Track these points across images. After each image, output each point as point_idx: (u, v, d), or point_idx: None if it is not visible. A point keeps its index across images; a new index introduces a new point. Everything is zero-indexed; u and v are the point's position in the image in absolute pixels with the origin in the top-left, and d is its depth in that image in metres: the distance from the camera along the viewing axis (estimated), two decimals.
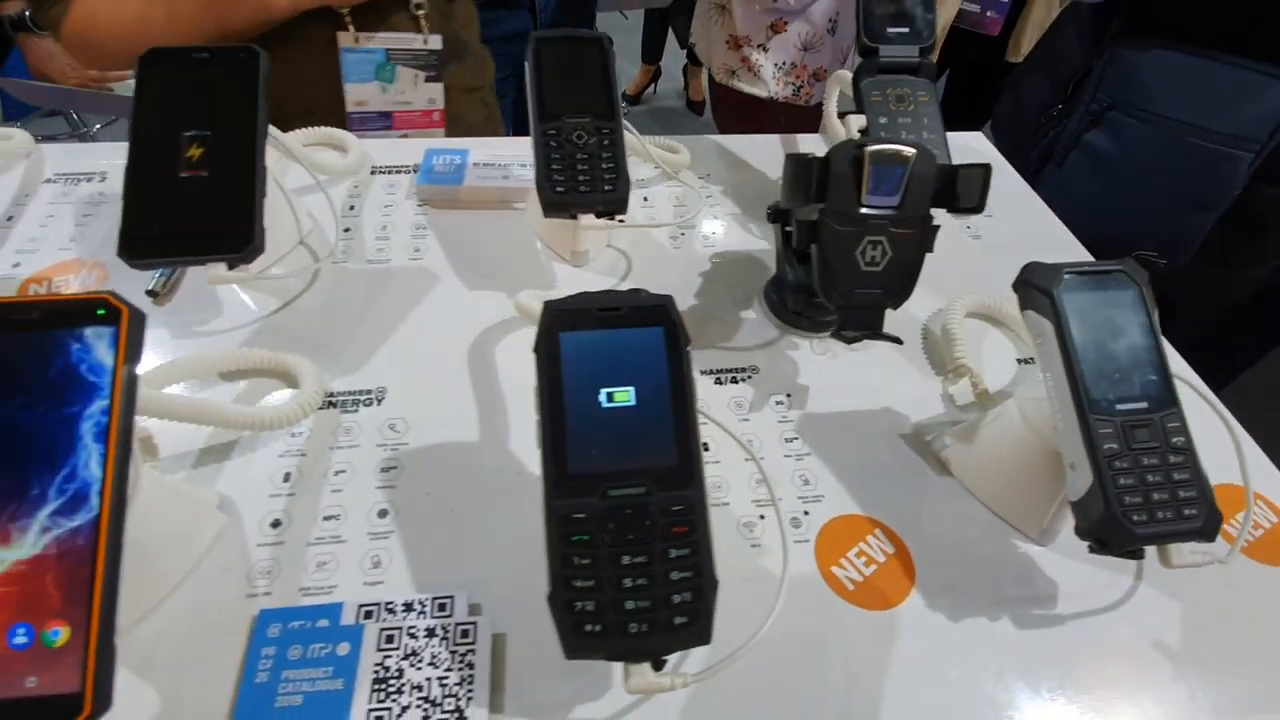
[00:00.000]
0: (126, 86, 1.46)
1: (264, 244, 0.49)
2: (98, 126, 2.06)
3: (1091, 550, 0.39)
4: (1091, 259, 0.69)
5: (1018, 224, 0.71)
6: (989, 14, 1.47)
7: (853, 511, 0.47)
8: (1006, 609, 0.43)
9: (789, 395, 0.53)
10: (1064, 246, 0.70)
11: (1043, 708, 0.39)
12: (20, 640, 0.30)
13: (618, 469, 0.35)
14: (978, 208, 0.46)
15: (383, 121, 0.80)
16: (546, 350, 0.36)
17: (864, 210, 0.46)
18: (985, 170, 0.45)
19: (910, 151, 0.45)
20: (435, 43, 0.78)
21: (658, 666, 0.34)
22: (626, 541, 0.34)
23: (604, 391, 0.36)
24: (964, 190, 0.47)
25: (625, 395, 0.36)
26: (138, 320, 0.35)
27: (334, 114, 0.76)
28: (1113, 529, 0.37)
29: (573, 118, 0.54)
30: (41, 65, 1.41)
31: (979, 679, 0.40)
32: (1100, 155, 0.93)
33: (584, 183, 0.53)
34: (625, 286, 0.60)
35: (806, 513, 0.47)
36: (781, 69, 1.41)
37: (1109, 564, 0.45)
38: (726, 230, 0.67)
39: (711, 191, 0.70)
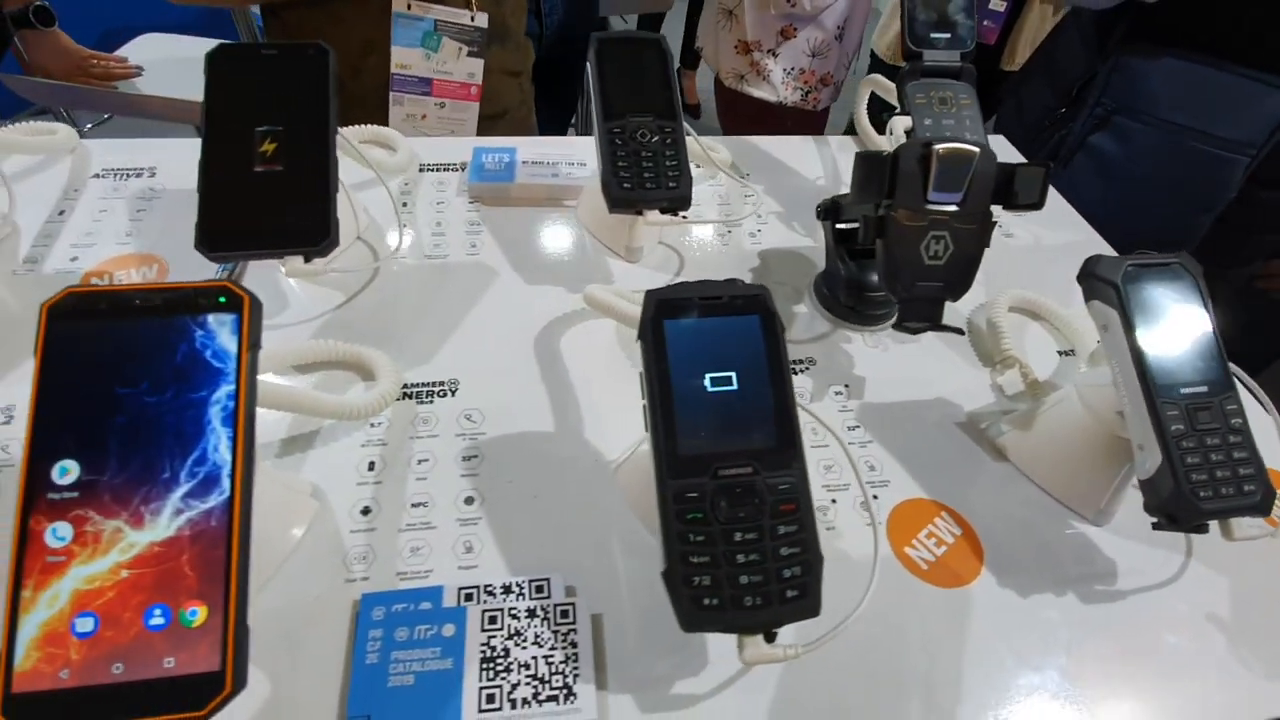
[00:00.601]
0: (129, 84, 1.44)
1: (339, 238, 0.50)
2: (89, 126, 2.02)
3: (1156, 527, 0.42)
4: (1114, 253, 0.72)
5: (1040, 220, 0.74)
6: (985, 23, 1.51)
7: (918, 496, 0.49)
8: (1070, 586, 0.45)
9: (847, 386, 0.55)
10: (1089, 244, 0.73)
11: (1110, 676, 0.41)
12: (157, 621, 0.31)
13: (725, 450, 0.36)
14: (1037, 204, 0.49)
15: (422, 87, 0.84)
16: (653, 337, 0.37)
17: (929, 206, 0.48)
18: (1045, 169, 0.48)
19: (975, 150, 0.47)
20: (481, 20, 0.81)
21: (770, 639, 0.35)
22: (738, 519, 0.35)
23: (708, 376, 0.37)
24: (1023, 188, 0.49)
25: (728, 379, 0.37)
26: (257, 308, 0.35)
27: (379, 74, 0.80)
28: (1182, 505, 0.40)
29: (636, 117, 0.56)
30: (43, 62, 1.39)
31: (1051, 650, 0.42)
32: (1105, 157, 0.97)
33: (649, 180, 0.54)
34: (678, 281, 0.62)
35: (875, 497, 0.49)
36: (790, 74, 1.44)
37: (1161, 543, 0.48)
38: (770, 228, 0.69)
39: (752, 190, 0.72)
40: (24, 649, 0.30)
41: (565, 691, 0.38)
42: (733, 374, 0.37)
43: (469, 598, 0.41)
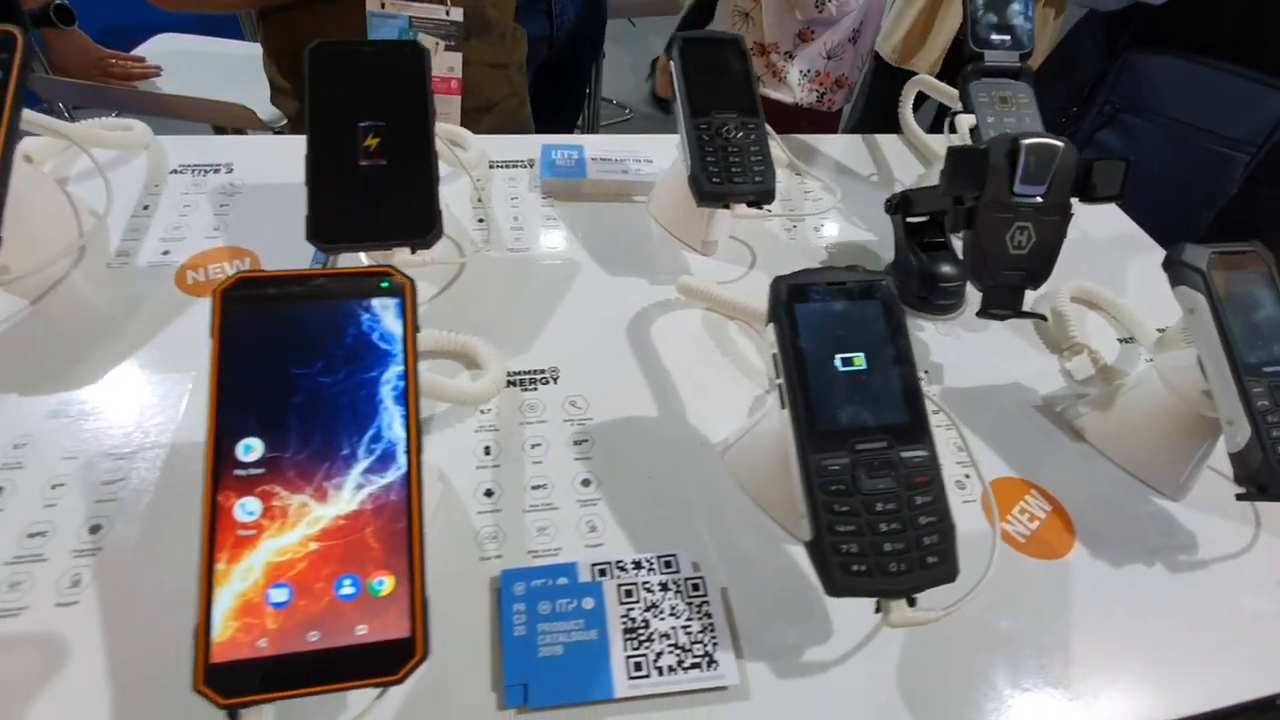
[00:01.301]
0: (150, 83, 1.44)
1: (443, 229, 0.51)
2: None
3: (1242, 498, 0.44)
4: (1155, 243, 0.75)
5: (1084, 213, 0.77)
6: None
7: (1007, 474, 0.51)
8: (1157, 556, 0.48)
9: (926, 372, 0.58)
10: (1133, 237, 0.76)
11: (1200, 635, 0.44)
12: (347, 590, 0.32)
13: (860, 425, 0.38)
14: (1117, 196, 0.51)
15: None
16: (786, 320, 0.39)
17: (1014, 199, 0.51)
18: (1126, 163, 0.51)
19: (1060, 144, 0.50)
20: (457, 14, 0.82)
21: (911, 603, 0.37)
22: (878, 491, 0.37)
23: (839, 357, 0.39)
24: (1101, 181, 0.52)
25: (858, 360, 0.39)
26: (415, 292, 0.37)
27: None
28: (1271, 475, 0.42)
29: (721, 113, 0.58)
30: (63, 61, 1.38)
31: (1145, 614, 0.45)
32: (1112, 153, 1.01)
33: (737, 174, 0.56)
34: (753, 274, 0.64)
35: (968, 476, 0.51)
36: (806, 76, 1.47)
37: (1233, 515, 0.51)
38: (832, 222, 0.71)
39: (810, 186, 0.74)
40: (221, 620, 0.31)
41: (707, 659, 0.39)
42: (862, 354, 0.40)
43: (602, 573, 0.42)
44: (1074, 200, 0.52)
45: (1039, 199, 0.51)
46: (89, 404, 0.47)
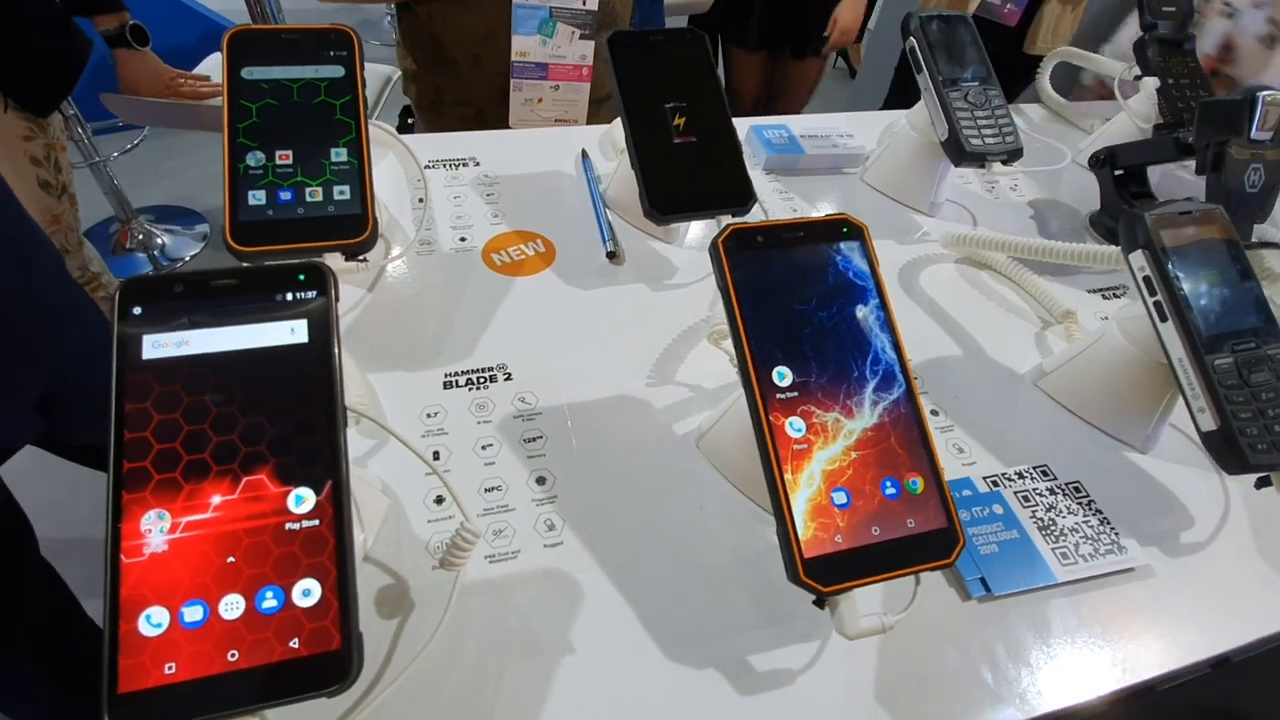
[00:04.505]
0: (218, 101, 1.43)
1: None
2: (115, 155, 1.93)
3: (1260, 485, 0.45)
4: None
5: None
6: (1009, 6, 1.64)
7: None
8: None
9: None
10: None
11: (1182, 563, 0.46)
12: (891, 491, 0.36)
13: (1231, 330, 0.44)
14: None
15: (539, 72, 0.90)
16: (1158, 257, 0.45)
17: (1252, 143, 0.58)
18: None
19: None
20: (592, 4, 0.87)
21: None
22: (1261, 382, 0.43)
23: (1202, 274, 0.45)
24: None
25: (1213, 277, 0.46)
26: (869, 236, 0.41)
27: (497, 62, 0.88)
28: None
29: (966, 83, 0.63)
30: (137, 80, 1.36)
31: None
32: None
33: (989, 136, 0.62)
34: (981, 229, 0.70)
35: None
36: None
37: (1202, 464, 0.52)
38: (1019, 180, 0.78)
39: None
40: (802, 522, 0.35)
41: (1115, 545, 0.45)
42: (1216, 271, 0.46)
43: (995, 484, 0.47)
44: None
45: (1269, 143, 0.58)
46: (474, 373, 0.50)
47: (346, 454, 0.32)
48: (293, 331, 0.33)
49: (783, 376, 0.37)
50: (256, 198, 0.47)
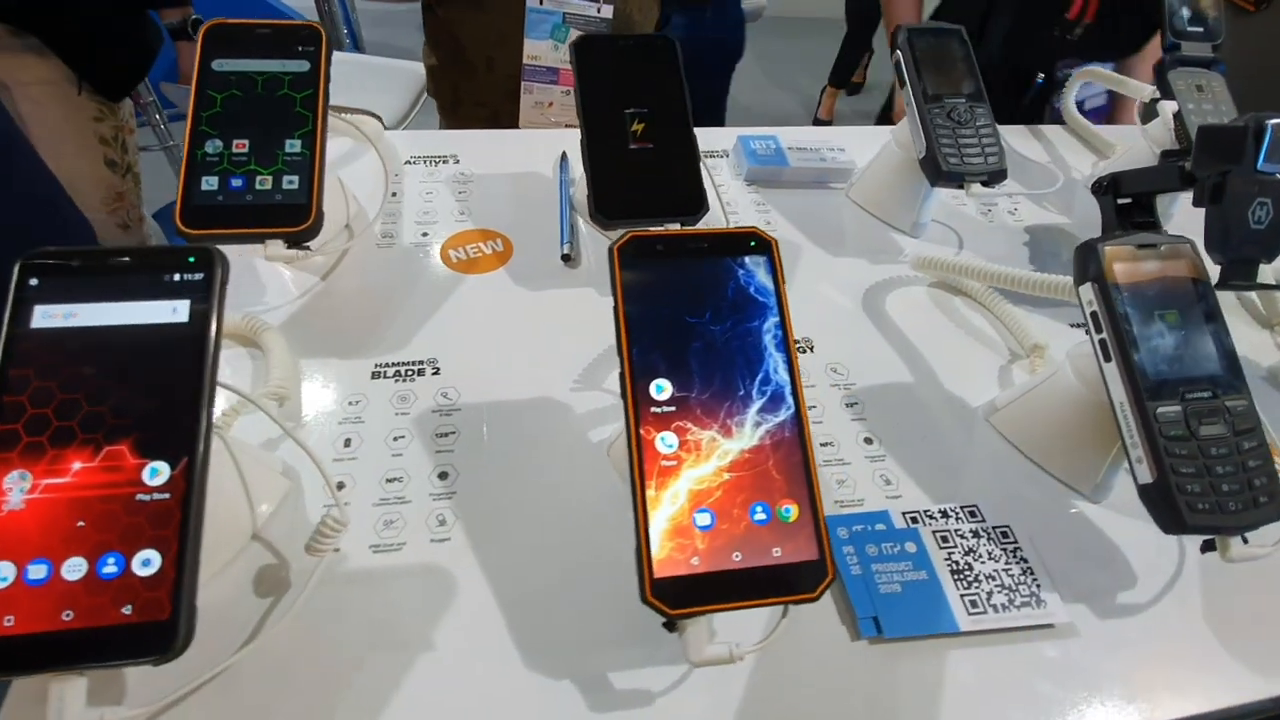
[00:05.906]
0: None
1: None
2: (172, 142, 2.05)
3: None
4: None
5: None
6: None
7: None
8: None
9: None
10: None
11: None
12: (760, 517, 0.35)
13: (1184, 377, 0.41)
14: None
15: (550, 76, 0.90)
16: (1105, 280, 0.42)
17: (1258, 175, 0.53)
18: None
19: None
20: (607, 12, 0.87)
21: (1244, 540, 0.39)
22: (1211, 436, 0.39)
23: (1157, 313, 0.42)
24: None
25: (1173, 317, 0.42)
26: (776, 249, 0.40)
27: (509, 66, 0.89)
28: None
29: (951, 99, 0.61)
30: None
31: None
32: None
33: (970, 156, 0.59)
34: (964, 253, 0.67)
35: None
36: None
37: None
38: (1020, 204, 0.74)
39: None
40: (659, 540, 0.34)
41: (1034, 598, 0.42)
42: (1176, 311, 0.42)
43: (914, 520, 0.45)
44: None
45: (1278, 176, 0.53)
46: (403, 365, 0.51)
47: (208, 433, 0.33)
48: (175, 311, 0.35)
49: (661, 390, 0.36)
50: (209, 183, 0.50)
